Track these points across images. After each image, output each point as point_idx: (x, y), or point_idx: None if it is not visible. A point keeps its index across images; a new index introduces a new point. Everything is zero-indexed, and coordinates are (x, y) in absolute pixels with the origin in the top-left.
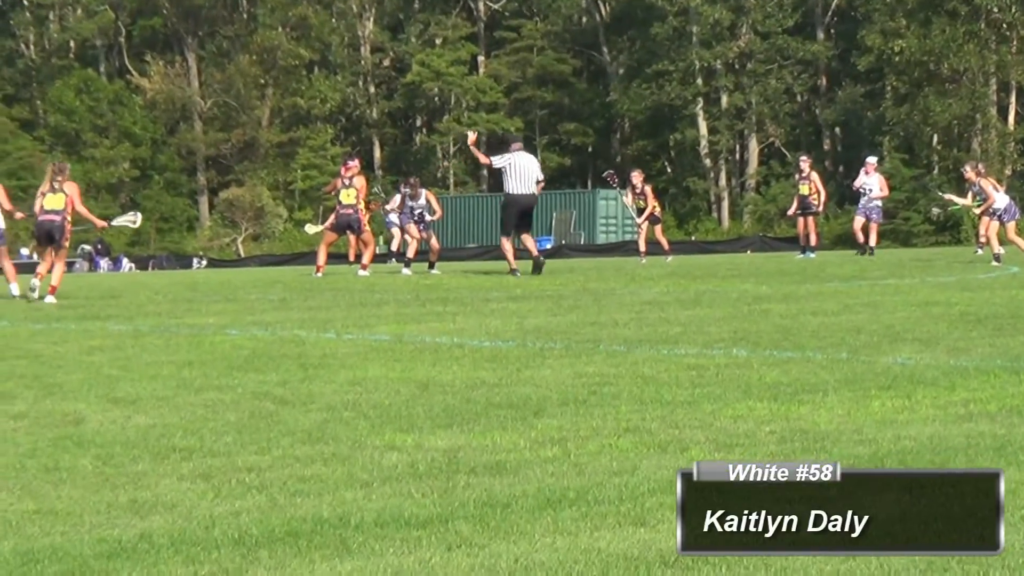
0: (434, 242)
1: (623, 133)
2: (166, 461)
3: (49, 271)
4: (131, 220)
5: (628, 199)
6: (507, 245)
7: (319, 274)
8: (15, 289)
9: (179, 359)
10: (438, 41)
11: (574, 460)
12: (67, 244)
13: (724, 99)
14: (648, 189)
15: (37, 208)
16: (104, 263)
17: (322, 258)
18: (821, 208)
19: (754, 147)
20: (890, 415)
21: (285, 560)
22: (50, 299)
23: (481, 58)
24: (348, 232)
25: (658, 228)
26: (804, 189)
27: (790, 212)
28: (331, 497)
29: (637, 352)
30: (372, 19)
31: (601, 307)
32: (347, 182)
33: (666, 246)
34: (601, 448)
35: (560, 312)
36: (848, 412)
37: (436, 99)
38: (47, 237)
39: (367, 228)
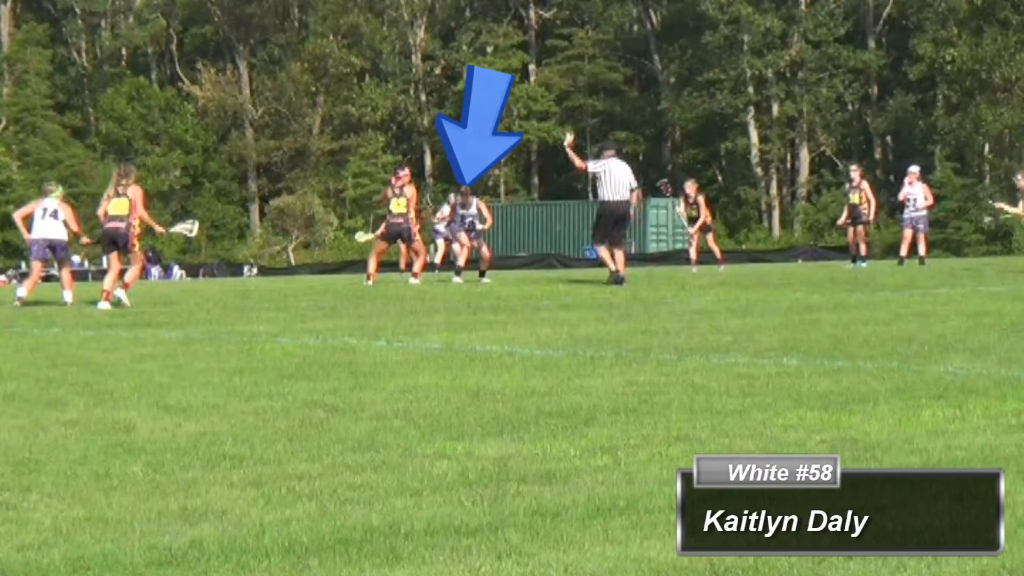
0: (485, 251)
1: (674, 142)
2: (216, 469)
3: (119, 277)
4: (188, 229)
5: (681, 208)
6: (604, 252)
7: (370, 282)
8: (68, 296)
9: (230, 367)
10: (489, 49)
11: (624, 469)
12: (136, 248)
13: (775, 108)
14: (702, 199)
15: (102, 212)
16: (155, 271)
17: (373, 266)
18: (872, 218)
19: (805, 156)
20: (941, 425)
21: (335, 568)
22: (120, 292)
23: (532, 66)
24: (399, 241)
25: (710, 237)
26: (855, 198)
27: (840, 222)
28: (381, 505)
29: (688, 361)
30: (423, 27)
31: (652, 316)
32: (398, 191)
33: (719, 255)
34: (651, 457)
35: (611, 321)
36: (899, 421)
37: None
38: (112, 244)
39: (418, 237)
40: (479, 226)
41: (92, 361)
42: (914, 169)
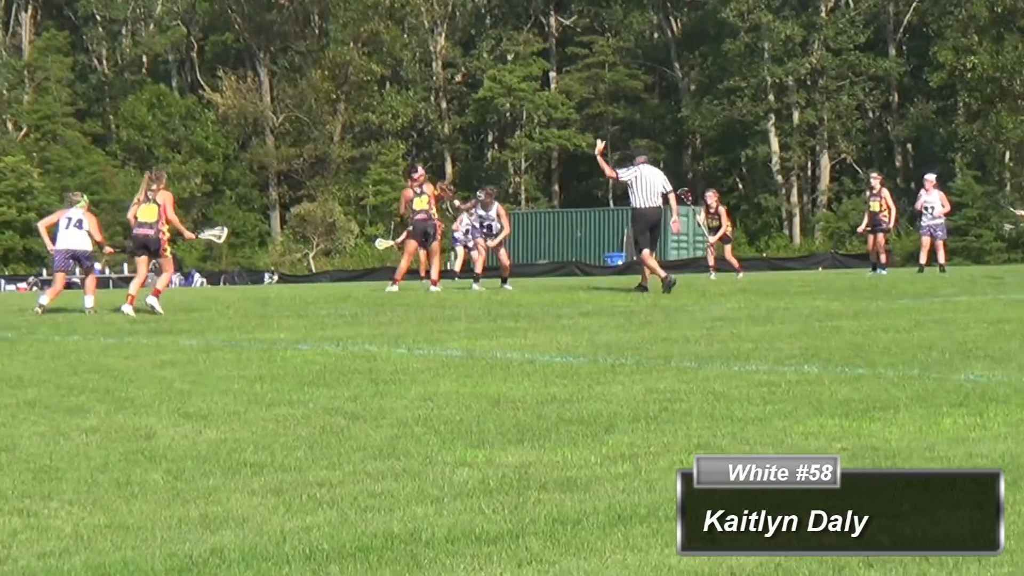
0: (504, 258)
1: (695, 149)
2: (237, 476)
3: (143, 284)
4: (217, 235)
5: (702, 217)
6: (649, 259)
7: (395, 287)
8: (89, 302)
9: (250, 374)
10: (510, 57)
11: (645, 476)
12: (167, 253)
13: (796, 115)
14: (723, 209)
15: (131, 216)
16: (176, 278)
17: (403, 269)
18: (892, 225)
19: (825, 163)
20: (962, 432)
21: None
22: (152, 299)
23: (553, 74)
24: (426, 239)
25: (728, 248)
26: (875, 206)
27: (860, 229)
28: (402, 513)
29: (708, 368)
30: (444, 35)
31: (672, 323)
32: (418, 190)
33: (736, 265)
34: (672, 464)
35: (631, 328)
36: (919, 429)
37: (508, 115)
38: (143, 248)
39: (439, 237)
40: (495, 228)
41: (113, 368)
42: (931, 177)
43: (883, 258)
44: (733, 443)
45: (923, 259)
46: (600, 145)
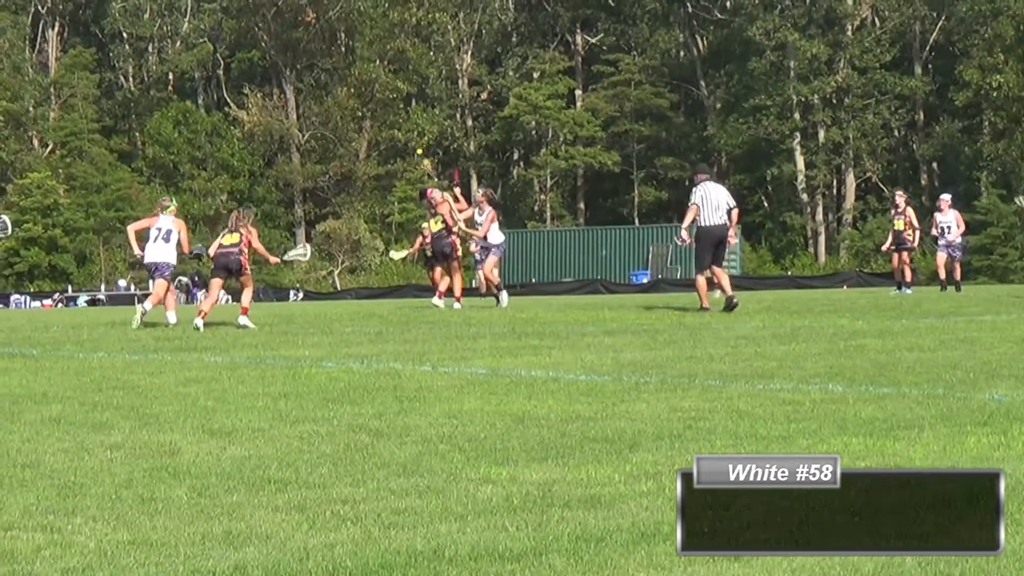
0: (483, 272)
1: (720, 167)
2: (261, 492)
3: (213, 305)
4: (301, 254)
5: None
6: (702, 280)
7: (439, 300)
8: (172, 318)
9: (275, 391)
10: (535, 75)
11: (669, 494)
12: (248, 272)
13: (821, 134)
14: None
15: (214, 249)
16: (201, 295)
17: (443, 284)
18: (916, 244)
19: (851, 182)
20: (986, 452)
21: None
22: (243, 320)
23: (578, 92)
24: (444, 258)
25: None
26: (899, 225)
27: (884, 248)
28: (425, 530)
29: (732, 387)
30: (470, 53)
31: (696, 342)
32: (432, 212)
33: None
34: None
35: (655, 346)
36: (943, 448)
37: (533, 132)
38: (225, 270)
39: (458, 254)
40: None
41: (137, 385)
42: (945, 196)
43: (908, 277)
44: None
45: (942, 276)
46: (684, 237)
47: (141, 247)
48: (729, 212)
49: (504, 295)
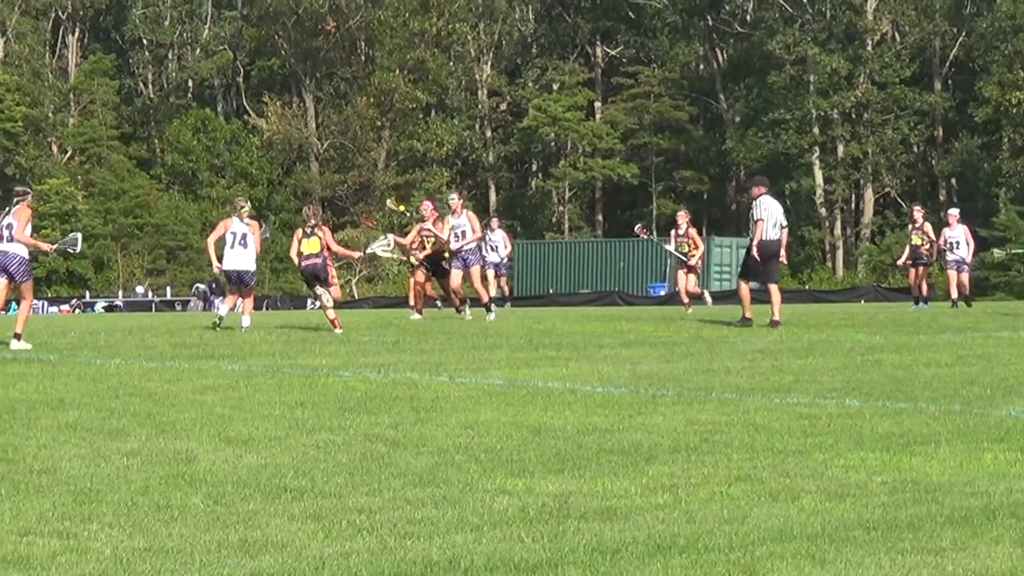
0: (475, 281)
1: (738, 181)
2: (277, 501)
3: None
4: (385, 245)
5: (671, 246)
6: (745, 289)
7: (465, 313)
8: (247, 322)
9: (291, 400)
10: (555, 86)
11: (684, 507)
12: (334, 280)
13: (840, 148)
14: (693, 232)
15: (295, 253)
16: (219, 302)
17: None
18: (933, 259)
19: (869, 197)
20: (1003, 468)
21: None
22: (338, 332)
23: (598, 104)
24: (437, 269)
25: (691, 279)
26: (916, 240)
27: (900, 262)
28: (441, 540)
29: (749, 400)
30: (490, 63)
31: (714, 355)
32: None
33: (687, 301)
34: (712, 496)
35: (673, 359)
36: (960, 464)
37: (552, 144)
38: (315, 278)
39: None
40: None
41: (154, 392)
42: (954, 212)
43: (925, 292)
44: (774, 475)
45: (954, 294)
46: (755, 252)
47: (219, 257)
48: (782, 229)
49: (489, 313)
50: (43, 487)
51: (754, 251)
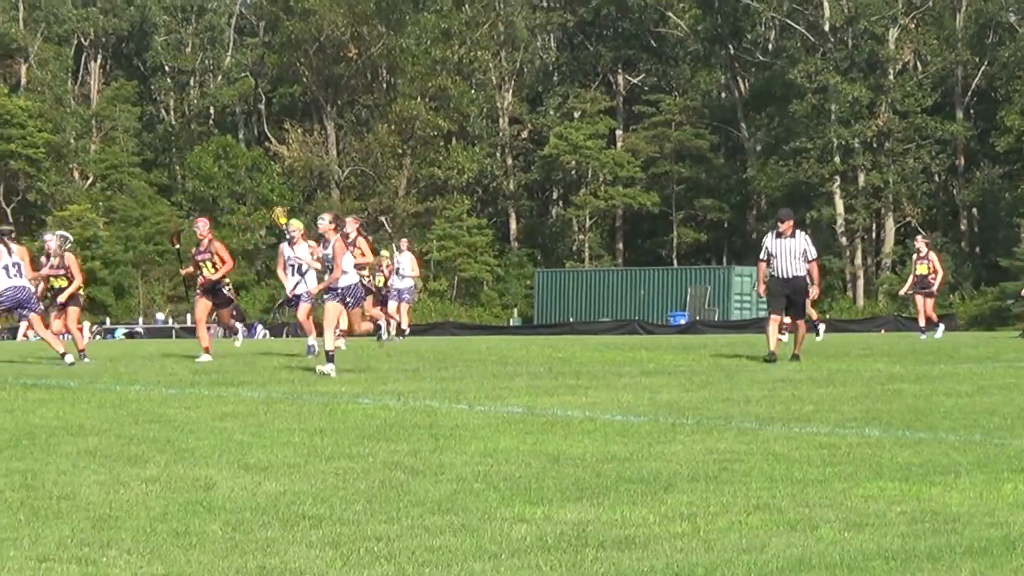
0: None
1: (759, 210)
2: (295, 528)
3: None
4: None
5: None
6: (773, 326)
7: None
8: (311, 341)
9: (311, 427)
10: (576, 114)
11: (703, 536)
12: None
13: (861, 178)
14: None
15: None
16: (249, 330)
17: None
18: (936, 288)
19: (890, 226)
20: (1023, 498)
21: None
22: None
23: (619, 132)
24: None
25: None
26: (922, 269)
27: (902, 291)
28: (459, 568)
29: (769, 429)
30: (511, 91)
31: (734, 383)
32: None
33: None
34: (731, 525)
35: (692, 388)
36: (980, 494)
37: (573, 172)
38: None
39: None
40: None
41: (173, 419)
42: (922, 239)
43: (934, 319)
44: (793, 505)
45: (922, 322)
46: (761, 288)
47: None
48: (809, 262)
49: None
50: (62, 513)
51: (814, 292)
